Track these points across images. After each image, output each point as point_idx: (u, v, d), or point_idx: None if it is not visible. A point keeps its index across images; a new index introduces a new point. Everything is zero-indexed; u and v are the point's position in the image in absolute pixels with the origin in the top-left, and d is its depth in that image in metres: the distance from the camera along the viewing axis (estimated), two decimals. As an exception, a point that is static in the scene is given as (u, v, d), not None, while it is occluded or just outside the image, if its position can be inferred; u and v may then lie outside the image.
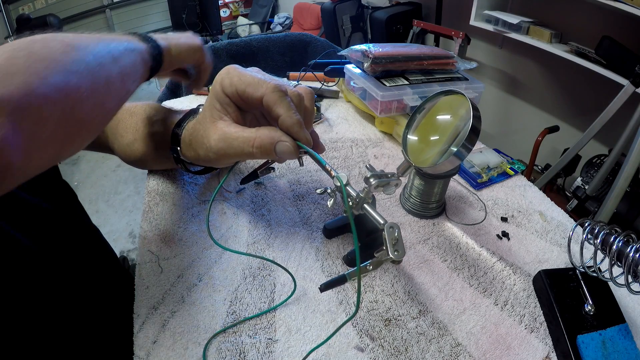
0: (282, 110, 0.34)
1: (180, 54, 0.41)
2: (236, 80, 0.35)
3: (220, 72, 0.36)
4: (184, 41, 0.43)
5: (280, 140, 0.34)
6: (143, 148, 0.49)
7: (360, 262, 0.34)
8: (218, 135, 0.36)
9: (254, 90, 0.34)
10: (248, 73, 0.35)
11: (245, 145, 0.34)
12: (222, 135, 0.36)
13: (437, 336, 0.37)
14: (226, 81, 0.35)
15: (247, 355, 0.35)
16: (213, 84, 0.37)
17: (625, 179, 1.16)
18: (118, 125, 0.52)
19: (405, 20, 2.18)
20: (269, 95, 0.34)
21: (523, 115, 2.05)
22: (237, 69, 0.36)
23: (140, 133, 0.48)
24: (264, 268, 0.43)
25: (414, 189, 0.49)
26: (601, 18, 1.48)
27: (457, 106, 0.40)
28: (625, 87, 1.21)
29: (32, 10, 3.21)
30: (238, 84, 0.35)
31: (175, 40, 0.41)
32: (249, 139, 0.34)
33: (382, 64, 0.62)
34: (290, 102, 0.34)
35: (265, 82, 0.34)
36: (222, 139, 0.36)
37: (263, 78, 0.35)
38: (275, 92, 0.34)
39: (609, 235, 0.37)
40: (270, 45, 1.06)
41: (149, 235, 0.46)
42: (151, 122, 0.48)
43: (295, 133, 0.34)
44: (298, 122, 0.34)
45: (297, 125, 0.34)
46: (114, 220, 2.11)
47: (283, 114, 0.34)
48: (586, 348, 0.34)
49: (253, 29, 3.89)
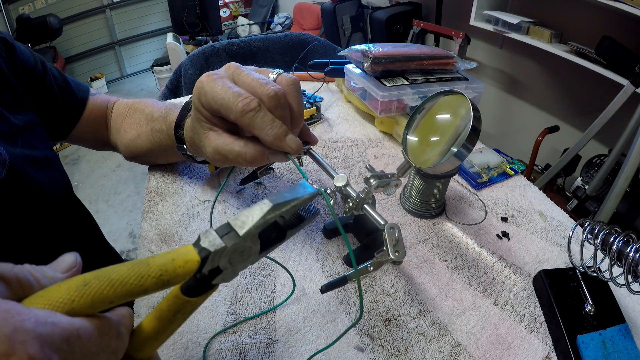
0: (257, 132, 0.33)
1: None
2: (210, 99, 0.34)
3: (196, 84, 0.35)
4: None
5: (269, 153, 0.35)
6: (146, 144, 0.49)
7: (361, 263, 0.34)
8: (212, 148, 0.36)
9: (226, 112, 0.33)
10: (219, 88, 0.33)
11: (239, 159, 0.35)
12: (215, 148, 0.36)
13: (437, 336, 0.37)
14: (202, 98, 0.35)
15: (247, 355, 0.35)
16: (192, 97, 0.36)
17: (625, 179, 1.16)
18: (123, 122, 0.52)
19: (405, 20, 2.18)
20: (240, 120, 0.33)
21: (523, 115, 2.05)
22: (211, 80, 0.34)
23: (143, 129, 0.49)
24: (264, 268, 0.43)
25: (414, 189, 0.49)
26: (601, 18, 1.48)
27: (457, 106, 0.40)
28: (625, 87, 1.21)
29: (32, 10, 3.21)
30: (212, 104, 0.34)
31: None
32: (240, 154, 0.35)
33: (382, 64, 0.62)
34: (263, 116, 0.32)
35: (234, 102, 0.32)
36: (217, 151, 0.36)
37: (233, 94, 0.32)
38: (245, 116, 0.32)
39: (609, 235, 0.37)
40: (270, 45, 1.06)
41: (149, 235, 0.46)
42: (153, 119, 0.48)
43: (279, 148, 0.34)
44: (276, 137, 0.33)
45: (277, 142, 0.33)
46: (114, 220, 2.11)
47: (260, 135, 0.33)
48: (586, 348, 0.34)
49: (253, 29, 3.89)
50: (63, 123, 0.51)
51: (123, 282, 0.17)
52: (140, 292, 0.18)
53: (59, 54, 3.23)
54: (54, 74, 0.50)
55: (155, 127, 0.48)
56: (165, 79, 3.03)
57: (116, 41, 3.77)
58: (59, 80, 0.50)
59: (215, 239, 0.21)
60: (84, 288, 0.17)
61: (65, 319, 0.16)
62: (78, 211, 0.53)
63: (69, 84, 0.51)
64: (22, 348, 0.14)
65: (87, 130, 0.53)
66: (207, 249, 0.21)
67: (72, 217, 0.50)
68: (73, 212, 0.51)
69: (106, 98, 0.56)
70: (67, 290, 0.16)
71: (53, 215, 0.43)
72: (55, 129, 0.50)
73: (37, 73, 0.47)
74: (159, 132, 0.47)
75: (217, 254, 0.21)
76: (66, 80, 0.51)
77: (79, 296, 0.16)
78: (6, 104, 0.40)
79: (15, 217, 0.38)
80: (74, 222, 0.51)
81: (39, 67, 0.47)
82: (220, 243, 0.21)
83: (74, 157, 2.70)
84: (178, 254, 0.20)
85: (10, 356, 0.14)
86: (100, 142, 0.56)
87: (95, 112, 0.53)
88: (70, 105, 0.51)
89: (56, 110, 0.49)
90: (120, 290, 0.17)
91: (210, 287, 0.22)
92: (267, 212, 0.22)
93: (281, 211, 0.23)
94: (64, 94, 0.50)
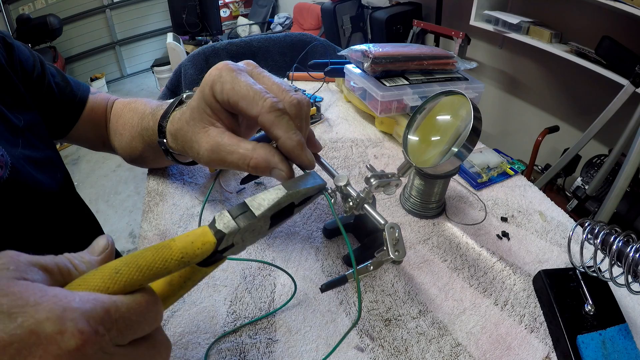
0: (280, 133, 0.31)
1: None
2: (228, 89, 0.31)
3: (210, 72, 0.32)
4: None
5: (276, 168, 0.31)
6: (139, 144, 0.48)
7: (361, 262, 0.34)
8: (210, 145, 0.33)
9: (248, 106, 0.31)
10: (243, 81, 0.31)
11: (240, 162, 0.32)
12: (215, 146, 0.33)
13: (437, 336, 0.37)
14: (218, 87, 0.32)
15: (248, 355, 0.35)
16: (202, 84, 0.33)
17: (625, 179, 1.16)
18: (118, 122, 0.52)
19: (405, 20, 2.18)
20: (264, 116, 0.30)
21: (523, 115, 2.05)
22: (231, 70, 0.32)
23: (136, 130, 0.48)
24: (264, 268, 0.43)
25: (414, 189, 0.49)
26: (601, 18, 1.48)
27: (458, 107, 0.40)
28: (625, 87, 1.21)
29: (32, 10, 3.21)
30: (231, 95, 0.31)
31: None
32: (244, 157, 0.32)
33: (382, 64, 0.62)
34: (288, 120, 0.31)
35: (262, 97, 0.30)
36: (215, 150, 0.33)
37: (259, 90, 0.31)
38: (272, 113, 0.30)
39: (609, 235, 0.37)
40: (270, 45, 1.06)
41: (149, 235, 0.46)
42: (144, 116, 0.46)
43: (297, 157, 0.32)
44: (299, 144, 0.31)
45: (298, 148, 0.31)
46: (114, 220, 2.11)
47: (282, 137, 0.31)
48: (586, 348, 0.34)
49: (253, 29, 3.89)
50: (62, 122, 0.51)
51: (150, 266, 0.20)
52: (164, 273, 0.21)
53: (59, 54, 3.23)
54: (53, 73, 0.49)
55: (144, 124, 0.46)
56: (165, 79, 3.04)
57: (116, 41, 3.77)
58: (57, 78, 0.49)
59: (229, 221, 0.23)
60: (116, 275, 0.19)
61: (104, 296, 0.18)
62: (80, 210, 0.53)
63: (69, 83, 0.51)
64: (73, 324, 0.17)
65: (86, 129, 0.52)
66: (221, 230, 0.22)
67: (74, 216, 0.50)
68: (75, 211, 0.51)
69: (106, 97, 0.55)
70: (102, 278, 0.19)
71: (55, 215, 0.43)
72: (54, 128, 0.50)
73: (36, 72, 0.46)
74: (147, 130, 0.45)
75: (232, 234, 0.23)
76: (66, 79, 0.51)
77: (112, 283, 0.19)
78: (7, 103, 0.40)
79: (18, 217, 0.38)
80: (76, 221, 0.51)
81: (38, 66, 0.47)
82: (234, 225, 0.23)
83: (74, 157, 2.70)
84: (196, 236, 0.22)
85: (64, 333, 0.16)
86: (100, 142, 0.55)
87: (95, 111, 0.53)
88: (69, 104, 0.50)
89: (55, 109, 0.49)
90: (148, 274, 0.20)
91: (220, 259, 0.24)
92: (282, 198, 0.25)
93: (293, 198, 0.25)
94: (63, 93, 0.49)
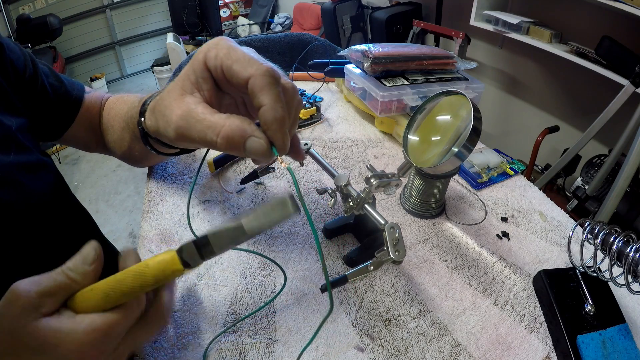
0: (266, 99, 0.27)
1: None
2: (223, 54, 0.29)
3: (208, 42, 0.31)
4: None
5: (252, 136, 0.28)
6: (127, 136, 0.46)
7: (361, 262, 0.34)
8: (181, 110, 0.30)
9: (241, 68, 0.28)
10: (240, 49, 0.29)
11: (209, 131, 0.28)
12: (186, 112, 0.29)
13: (437, 336, 0.37)
14: (212, 52, 0.30)
15: (247, 355, 0.35)
16: (197, 52, 0.31)
17: (625, 179, 1.16)
18: (109, 114, 0.50)
19: (405, 20, 2.18)
20: (256, 77, 0.28)
21: (523, 115, 2.05)
22: (228, 41, 0.30)
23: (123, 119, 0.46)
24: (264, 268, 0.43)
25: (414, 189, 0.49)
26: (601, 18, 1.48)
27: (458, 107, 0.40)
28: (625, 87, 1.21)
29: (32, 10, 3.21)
30: (224, 59, 0.29)
31: None
32: (214, 125, 0.28)
33: (382, 64, 0.62)
34: (280, 92, 0.28)
35: (257, 62, 0.28)
36: (185, 116, 0.29)
37: (255, 57, 0.29)
38: (265, 76, 0.28)
39: (609, 235, 0.37)
40: (270, 45, 1.06)
41: (149, 235, 0.46)
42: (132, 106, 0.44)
43: (273, 131, 0.28)
44: (281, 119, 0.28)
45: (277, 123, 0.28)
46: (114, 220, 2.11)
47: (267, 104, 0.27)
48: (586, 348, 0.34)
49: (253, 29, 3.89)
50: (57, 123, 0.49)
51: (131, 290, 0.25)
52: (142, 293, 0.26)
53: (59, 54, 3.23)
54: (46, 72, 0.47)
55: (131, 113, 0.43)
56: (165, 79, 3.04)
57: (116, 41, 3.77)
58: (51, 78, 0.47)
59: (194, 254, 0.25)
60: (107, 298, 0.24)
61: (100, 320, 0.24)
62: (76, 213, 0.52)
63: (63, 83, 0.49)
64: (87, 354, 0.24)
65: (81, 130, 0.51)
66: (187, 262, 0.25)
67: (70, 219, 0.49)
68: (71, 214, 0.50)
69: (100, 95, 0.53)
70: (96, 301, 0.25)
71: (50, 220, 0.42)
72: (49, 129, 0.48)
73: (28, 71, 0.44)
74: (132, 118, 0.42)
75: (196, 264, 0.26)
76: (59, 78, 0.49)
77: (104, 303, 0.25)
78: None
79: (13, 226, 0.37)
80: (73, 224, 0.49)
81: (30, 65, 0.45)
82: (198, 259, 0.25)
83: (74, 157, 2.70)
84: (166, 264, 0.25)
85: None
86: (94, 142, 0.53)
87: (90, 110, 0.51)
88: (64, 105, 0.49)
89: (50, 110, 0.47)
90: (130, 295, 0.25)
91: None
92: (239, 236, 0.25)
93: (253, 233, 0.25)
94: (57, 93, 0.47)
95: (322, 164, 0.38)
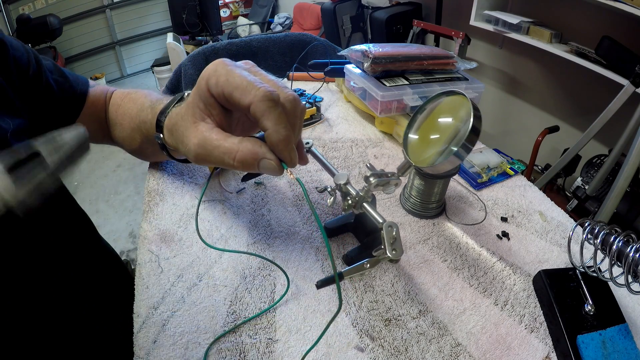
0: (269, 124, 0.30)
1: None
2: (223, 81, 0.31)
3: (207, 67, 0.33)
4: None
5: (264, 158, 0.31)
6: (138, 136, 0.47)
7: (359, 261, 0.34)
8: (198, 140, 0.32)
9: (241, 95, 0.30)
10: (237, 73, 0.31)
11: (226, 157, 0.31)
12: (202, 141, 0.32)
13: (437, 336, 0.37)
14: (212, 80, 0.31)
15: (247, 355, 0.35)
16: (199, 80, 0.33)
17: (625, 179, 1.16)
18: (117, 112, 0.51)
19: (405, 20, 2.18)
20: (256, 104, 0.30)
21: (523, 115, 2.05)
22: (226, 65, 0.32)
23: (134, 121, 0.47)
24: (264, 268, 0.43)
25: (414, 189, 0.49)
26: (601, 18, 1.48)
27: (458, 107, 0.40)
28: (625, 87, 1.21)
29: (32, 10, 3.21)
30: (225, 86, 0.31)
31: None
32: (230, 151, 0.31)
33: (382, 64, 0.62)
34: (280, 112, 0.30)
35: (255, 87, 0.30)
36: (202, 145, 0.32)
37: (253, 81, 0.30)
38: (264, 102, 0.29)
39: (609, 235, 0.37)
40: (270, 45, 1.06)
41: (149, 235, 0.46)
42: (143, 109, 0.46)
43: (280, 152, 0.31)
44: (285, 139, 0.30)
45: (283, 143, 0.30)
46: (114, 220, 2.11)
47: (270, 128, 0.30)
48: (586, 348, 0.34)
49: (253, 29, 3.89)
50: (63, 119, 0.49)
51: None
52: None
53: (59, 54, 3.23)
54: (50, 69, 0.47)
55: (142, 117, 0.45)
56: (165, 79, 3.04)
57: (116, 41, 3.77)
58: (55, 75, 0.47)
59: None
60: None
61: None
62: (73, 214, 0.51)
63: (67, 78, 0.49)
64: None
65: (86, 124, 0.50)
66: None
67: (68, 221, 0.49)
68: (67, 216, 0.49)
69: (104, 88, 0.53)
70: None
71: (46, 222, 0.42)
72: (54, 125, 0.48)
73: (32, 69, 0.44)
74: (145, 123, 0.44)
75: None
76: (64, 74, 0.49)
77: None
78: None
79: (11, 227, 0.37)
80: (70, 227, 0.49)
81: (33, 62, 0.44)
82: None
83: (74, 157, 2.70)
84: None
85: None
86: (100, 134, 0.53)
87: (95, 104, 0.51)
88: (69, 101, 0.49)
89: (55, 107, 0.47)
90: None
91: None
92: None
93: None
94: (62, 89, 0.48)
95: (322, 162, 0.38)
